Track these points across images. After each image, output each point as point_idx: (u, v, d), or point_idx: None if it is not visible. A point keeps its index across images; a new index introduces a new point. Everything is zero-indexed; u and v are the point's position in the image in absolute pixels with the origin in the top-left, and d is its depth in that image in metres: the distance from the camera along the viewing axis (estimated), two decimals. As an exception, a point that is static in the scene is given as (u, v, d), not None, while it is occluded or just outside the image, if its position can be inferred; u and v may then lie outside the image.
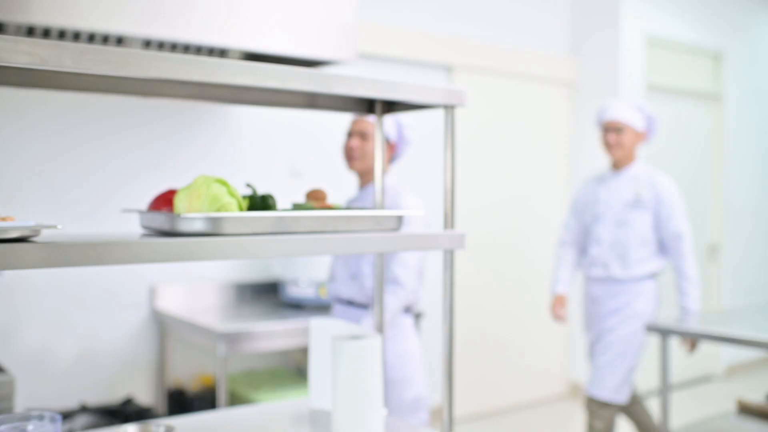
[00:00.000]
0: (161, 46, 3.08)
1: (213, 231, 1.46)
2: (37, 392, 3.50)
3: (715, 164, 6.37)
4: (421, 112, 2.10)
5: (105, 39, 2.95)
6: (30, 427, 1.43)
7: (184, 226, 1.45)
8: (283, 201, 1.83)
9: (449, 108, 1.82)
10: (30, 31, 2.81)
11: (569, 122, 5.77)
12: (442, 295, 1.82)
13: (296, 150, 4.35)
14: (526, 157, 5.51)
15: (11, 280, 3.46)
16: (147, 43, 3.05)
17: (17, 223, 1.25)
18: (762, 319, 3.91)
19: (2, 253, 1.22)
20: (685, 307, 3.59)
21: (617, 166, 3.73)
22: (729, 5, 6.34)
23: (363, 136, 2.96)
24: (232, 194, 1.48)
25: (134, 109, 3.80)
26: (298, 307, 3.91)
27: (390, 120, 2.99)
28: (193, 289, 3.98)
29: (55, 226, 1.27)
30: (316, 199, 1.82)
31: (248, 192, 1.68)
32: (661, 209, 3.62)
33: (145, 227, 1.60)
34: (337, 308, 3.03)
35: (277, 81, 1.53)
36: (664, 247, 3.67)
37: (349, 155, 2.99)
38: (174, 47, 3.10)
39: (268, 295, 4.22)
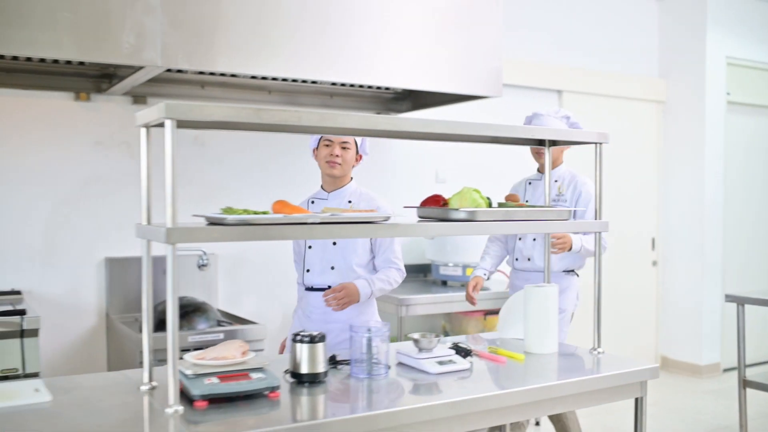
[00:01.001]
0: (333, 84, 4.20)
1: (470, 219, 2.54)
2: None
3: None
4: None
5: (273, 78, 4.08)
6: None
7: (454, 215, 2.55)
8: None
9: (598, 144, 2.87)
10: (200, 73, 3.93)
11: (659, 137, 6.72)
12: (594, 262, 2.86)
13: (439, 161, 5.45)
14: (623, 169, 6.46)
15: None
16: (314, 82, 4.18)
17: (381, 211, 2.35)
18: None
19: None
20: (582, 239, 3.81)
21: (543, 170, 3.92)
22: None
23: (344, 146, 3.31)
24: (482, 197, 2.57)
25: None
26: (444, 284, 5.02)
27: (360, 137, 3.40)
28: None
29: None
30: (513, 200, 2.90)
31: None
32: (579, 204, 3.89)
33: (421, 217, 2.69)
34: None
35: (474, 130, 2.59)
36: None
37: (333, 162, 3.29)
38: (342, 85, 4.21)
39: (417, 275, 5.34)
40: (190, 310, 3.99)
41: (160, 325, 3.93)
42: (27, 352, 3.50)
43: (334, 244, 3.30)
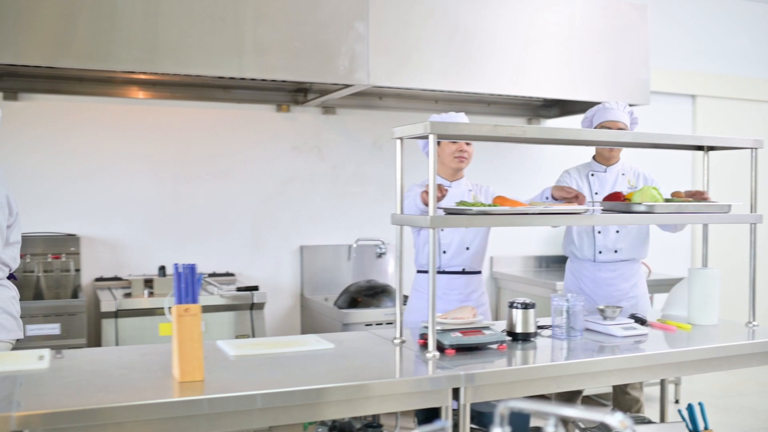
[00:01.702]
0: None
1: (649, 211, 3.09)
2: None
3: None
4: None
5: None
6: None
7: (636, 208, 3.11)
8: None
9: (753, 149, 3.36)
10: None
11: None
12: (749, 249, 3.37)
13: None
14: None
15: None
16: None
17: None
18: None
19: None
20: None
21: (610, 162, 4.08)
22: None
23: (468, 142, 3.59)
24: (659, 194, 3.12)
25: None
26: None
27: None
28: (517, 258, 5.70)
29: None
30: (678, 196, 3.43)
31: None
32: None
33: (604, 210, 3.26)
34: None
35: (641, 138, 3.14)
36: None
37: (461, 157, 3.58)
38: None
39: (559, 264, 5.88)
40: (378, 291, 4.66)
41: (351, 303, 4.65)
42: (255, 322, 4.25)
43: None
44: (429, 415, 3.41)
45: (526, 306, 2.97)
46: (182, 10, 3.84)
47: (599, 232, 4.00)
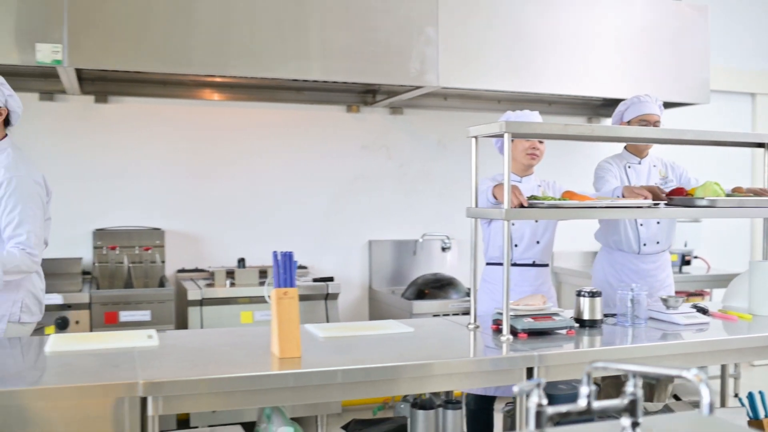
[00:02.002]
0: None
1: (711, 205, 3.25)
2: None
3: None
4: None
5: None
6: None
7: (698, 203, 3.26)
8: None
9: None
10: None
11: None
12: (809, 242, 3.49)
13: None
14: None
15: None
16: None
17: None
18: None
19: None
20: None
21: (643, 154, 4.15)
22: None
23: (540, 140, 3.67)
24: (721, 189, 3.27)
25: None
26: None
27: None
28: (576, 254, 5.85)
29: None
30: (739, 191, 3.56)
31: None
32: (691, 182, 4.05)
33: (668, 204, 3.42)
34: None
35: (712, 137, 3.29)
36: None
37: (533, 154, 3.65)
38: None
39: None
40: (445, 283, 4.87)
41: (419, 294, 4.86)
42: (330, 311, 4.49)
43: (536, 221, 3.80)
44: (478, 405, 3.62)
45: (592, 294, 3.15)
46: (253, 16, 4.12)
47: (641, 225, 4.08)
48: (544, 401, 1.47)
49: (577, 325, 3.15)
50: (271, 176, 5.13)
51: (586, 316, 3.14)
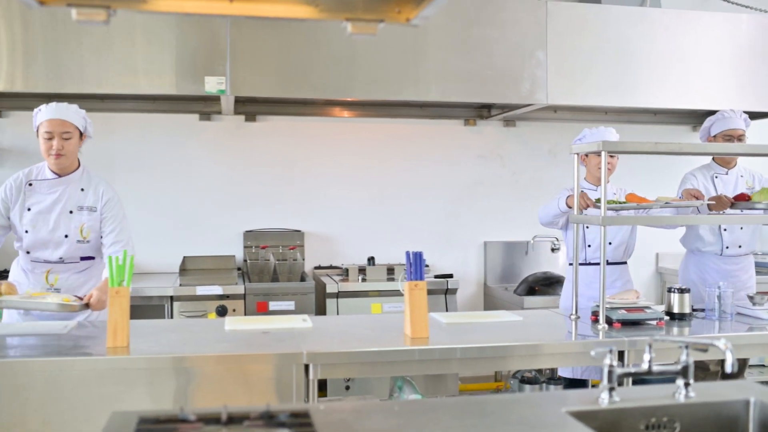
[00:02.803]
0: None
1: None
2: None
3: None
4: None
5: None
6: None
7: (758, 206, 3.63)
8: None
9: None
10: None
11: None
12: None
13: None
14: None
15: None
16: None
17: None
18: None
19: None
20: None
21: (730, 165, 4.40)
22: None
23: (612, 156, 3.96)
24: (781, 194, 3.65)
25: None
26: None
27: None
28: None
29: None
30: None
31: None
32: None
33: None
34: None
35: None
36: None
37: (608, 169, 3.80)
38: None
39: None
40: (553, 281, 5.35)
41: (529, 291, 5.36)
42: (449, 304, 5.06)
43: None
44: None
45: (682, 291, 3.59)
46: (377, 47, 4.75)
47: (725, 230, 4.35)
48: (615, 362, 1.99)
49: (667, 317, 3.59)
50: (396, 184, 5.74)
51: (675, 310, 3.59)
